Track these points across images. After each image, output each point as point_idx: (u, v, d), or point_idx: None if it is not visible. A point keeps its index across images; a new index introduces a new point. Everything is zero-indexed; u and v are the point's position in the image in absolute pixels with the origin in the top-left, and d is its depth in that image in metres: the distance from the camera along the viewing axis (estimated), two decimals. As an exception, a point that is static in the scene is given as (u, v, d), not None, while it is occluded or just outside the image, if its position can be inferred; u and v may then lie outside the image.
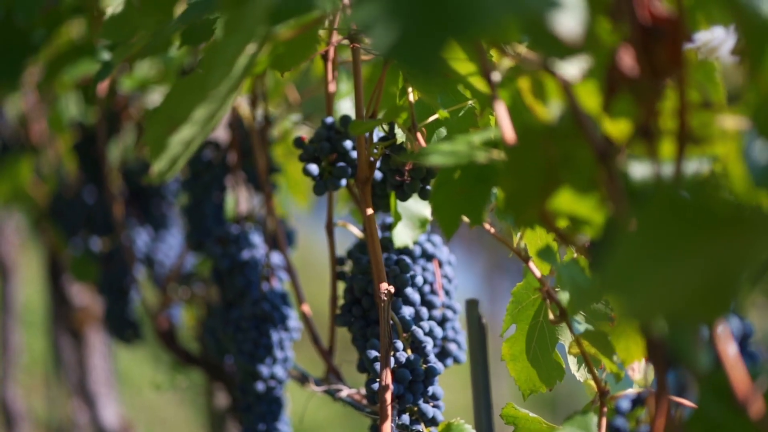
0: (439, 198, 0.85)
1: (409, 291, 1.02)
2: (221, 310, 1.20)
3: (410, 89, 0.92)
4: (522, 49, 0.78)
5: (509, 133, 0.77)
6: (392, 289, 0.95)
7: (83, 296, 2.14)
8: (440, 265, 1.08)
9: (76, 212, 1.70)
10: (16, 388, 3.36)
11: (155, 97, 1.66)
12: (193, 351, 1.46)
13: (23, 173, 2.12)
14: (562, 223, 0.76)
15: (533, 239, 0.93)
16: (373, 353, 0.98)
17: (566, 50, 0.67)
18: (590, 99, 0.72)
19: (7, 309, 3.30)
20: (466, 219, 0.86)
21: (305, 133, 1.56)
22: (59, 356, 2.45)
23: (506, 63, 0.79)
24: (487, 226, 0.93)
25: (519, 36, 0.78)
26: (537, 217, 0.75)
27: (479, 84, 0.85)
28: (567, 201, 0.74)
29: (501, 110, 0.78)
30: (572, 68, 0.70)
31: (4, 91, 1.73)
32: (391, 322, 0.97)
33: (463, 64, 0.86)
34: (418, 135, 0.91)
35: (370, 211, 0.98)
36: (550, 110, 0.74)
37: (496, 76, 0.78)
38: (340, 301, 1.08)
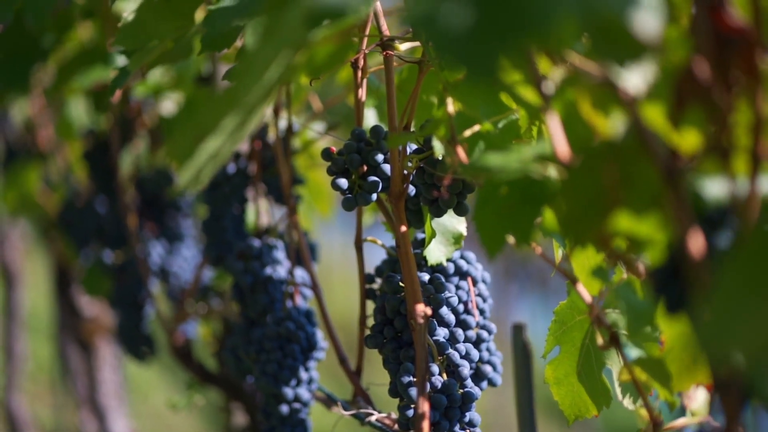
0: (483, 215, 0.80)
1: (444, 311, 0.97)
2: (242, 328, 1.15)
3: (449, 99, 0.87)
4: (575, 57, 0.73)
5: (564, 148, 0.72)
6: (429, 311, 0.89)
7: (93, 307, 2.09)
8: (474, 283, 1.03)
9: (87, 223, 1.65)
10: (21, 396, 3.31)
11: (168, 105, 1.61)
12: (209, 368, 1.41)
13: (31, 181, 2.06)
14: (620, 244, 0.71)
15: (581, 259, 0.87)
16: (408, 378, 0.93)
17: (635, 54, 0.62)
18: (655, 112, 0.67)
19: (12, 316, 3.25)
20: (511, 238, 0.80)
21: (331, 143, 1.51)
22: (66, 365, 2.40)
23: (558, 72, 0.74)
24: (533, 245, 0.88)
25: (573, 42, 0.72)
26: (595, 237, 0.70)
27: (527, 94, 0.79)
28: (626, 221, 0.69)
29: (555, 124, 0.73)
30: (636, 79, 0.65)
31: (12, 96, 1.68)
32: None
33: (507, 72, 0.80)
34: (459, 148, 0.85)
35: (404, 228, 0.92)
36: (611, 125, 0.69)
37: (548, 86, 0.73)
38: (369, 321, 1.03)
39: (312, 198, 1.47)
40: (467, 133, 0.85)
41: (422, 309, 0.89)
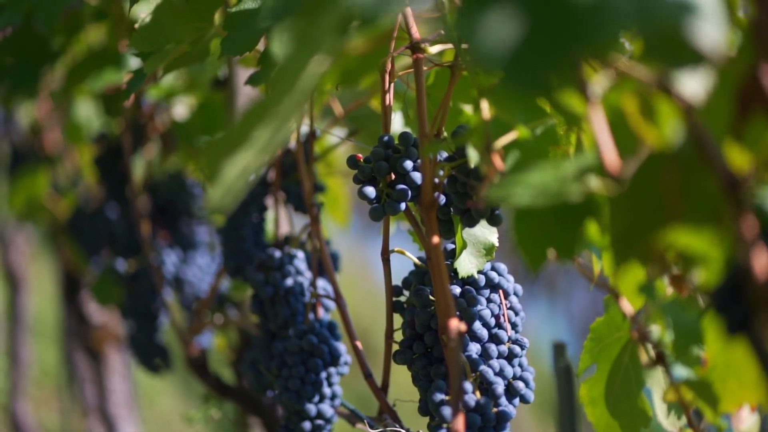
0: (524, 229, 0.76)
1: (477, 326, 0.93)
2: (263, 342, 1.11)
3: (484, 104, 0.83)
4: (622, 61, 0.69)
5: (612, 158, 0.68)
6: (464, 327, 0.85)
7: (101, 314, 2.05)
8: (506, 295, 0.99)
9: (98, 230, 1.61)
10: (26, 402, 3.27)
11: (181, 108, 1.57)
12: (226, 379, 1.37)
13: (39, 185, 2.02)
14: (671, 260, 0.67)
15: (626, 273, 0.83)
16: (440, 396, 0.89)
17: (694, 62, 0.58)
18: (714, 121, 0.63)
19: (16, 321, 3.21)
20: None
21: (351, 150, 1.47)
22: (73, 372, 2.36)
23: (603, 77, 0.70)
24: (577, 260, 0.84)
25: (624, 49, 0.69)
26: (647, 253, 0.66)
27: (569, 99, 0.75)
28: (681, 236, 0.65)
29: (602, 132, 0.69)
30: (695, 85, 0.61)
31: (20, 99, 1.64)
32: (456, 359, 0.88)
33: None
34: (495, 156, 0.81)
35: (436, 239, 0.88)
36: (663, 133, 0.65)
37: (595, 92, 0.69)
38: (396, 334, 1.00)
39: (328, 207, 1.43)
40: (504, 140, 0.81)
41: (456, 325, 0.85)
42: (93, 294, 1.56)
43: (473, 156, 0.84)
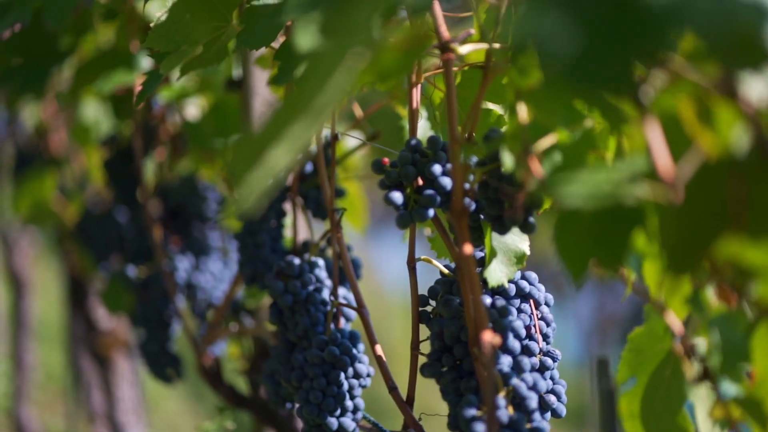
0: (565, 238, 0.72)
1: (509, 338, 0.89)
2: (281, 352, 1.07)
3: (521, 107, 0.79)
4: (677, 62, 0.65)
5: (666, 164, 0.64)
6: (498, 340, 0.81)
7: (109, 319, 2.01)
8: (536, 305, 0.95)
9: (107, 234, 1.57)
10: (31, 407, 3.24)
11: (193, 110, 1.53)
12: (240, 389, 1.33)
13: (46, 188, 1.98)
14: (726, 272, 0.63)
15: (674, 285, 0.79)
16: (471, 411, 0.85)
17: (763, 66, 0.54)
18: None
19: (21, 325, 3.18)
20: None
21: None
22: (79, 377, 2.32)
23: (657, 77, 0.66)
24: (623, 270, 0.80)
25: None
26: (703, 264, 0.62)
27: (616, 101, 0.71)
28: (739, 247, 0.61)
29: (656, 136, 0.65)
30: (763, 89, 0.57)
31: (26, 99, 1.60)
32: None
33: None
34: (534, 161, 0.77)
35: (468, 248, 0.84)
36: (727, 140, 0.61)
37: (647, 93, 0.65)
38: (421, 345, 0.96)
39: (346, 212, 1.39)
40: (544, 144, 0.77)
41: (490, 338, 0.81)
42: (103, 301, 1.52)
43: (509, 161, 0.80)
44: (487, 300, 0.91)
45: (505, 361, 0.89)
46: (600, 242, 0.70)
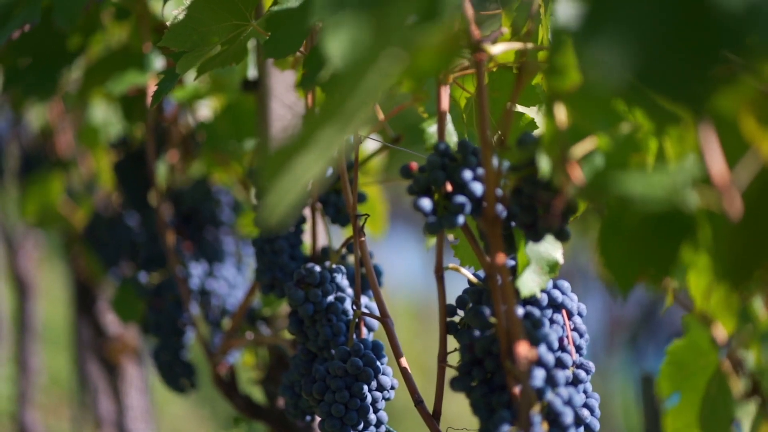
0: (611, 247, 0.69)
1: (543, 351, 0.85)
2: (301, 363, 1.04)
3: (559, 109, 0.75)
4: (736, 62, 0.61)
5: (722, 171, 0.61)
6: (534, 354, 0.78)
7: (117, 325, 1.98)
8: (569, 316, 0.92)
9: (117, 240, 1.54)
10: (35, 411, 3.20)
11: (205, 112, 1.50)
12: (255, 399, 1.29)
13: (53, 192, 1.95)
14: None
15: (721, 297, 0.76)
16: (505, 428, 0.81)
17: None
18: None
19: (26, 328, 3.15)
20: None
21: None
22: (85, 382, 2.29)
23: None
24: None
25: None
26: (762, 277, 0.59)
27: (661, 105, 0.68)
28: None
29: (711, 140, 0.61)
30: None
31: (34, 101, 1.56)
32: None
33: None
34: (574, 166, 0.74)
35: (502, 257, 0.81)
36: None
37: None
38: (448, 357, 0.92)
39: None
40: (583, 148, 0.73)
41: (526, 351, 0.77)
42: (114, 310, 1.48)
43: (546, 166, 0.76)
44: (519, 311, 0.88)
45: (539, 375, 0.85)
46: (649, 251, 0.66)
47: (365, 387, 0.99)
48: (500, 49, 0.83)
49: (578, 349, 0.91)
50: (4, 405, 3.61)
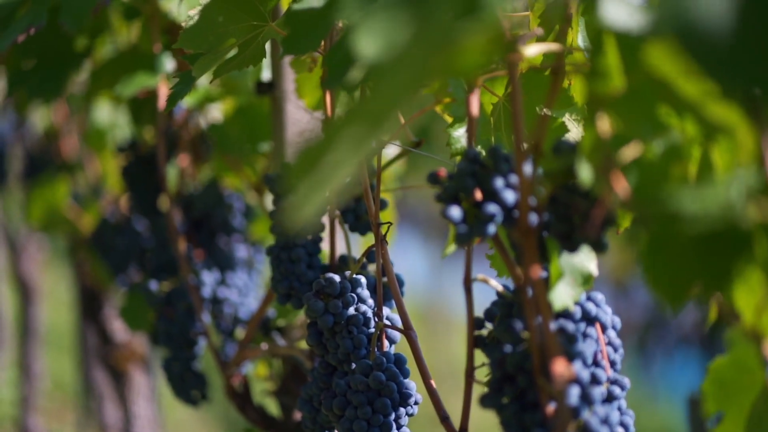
0: (657, 263, 0.65)
1: (578, 368, 0.81)
2: (321, 376, 1.00)
3: (602, 115, 0.71)
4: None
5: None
6: (572, 372, 0.74)
7: (124, 332, 1.94)
8: (603, 329, 0.88)
9: (125, 245, 1.50)
10: (38, 416, 3.17)
11: (216, 115, 1.46)
12: (269, 411, 1.25)
13: (59, 195, 1.91)
14: None
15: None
16: (540, 449, 0.78)
17: None
18: None
19: (29, 332, 3.11)
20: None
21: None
22: (90, 388, 2.25)
23: None
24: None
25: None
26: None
27: (713, 108, 0.64)
28: None
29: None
30: None
31: (39, 103, 1.52)
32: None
33: (685, 81, 0.65)
34: (618, 175, 0.70)
35: (538, 269, 0.77)
36: None
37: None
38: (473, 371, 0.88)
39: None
40: (627, 155, 0.70)
41: (564, 369, 0.73)
42: (123, 318, 1.44)
43: (587, 174, 0.73)
44: (552, 325, 0.84)
45: (574, 392, 0.81)
46: (700, 268, 0.62)
47: (388, 402, 0.95)
48: (536, 51, 0.79)
49: (612, 364, 0.88)
50: (7, 409, 3.58)
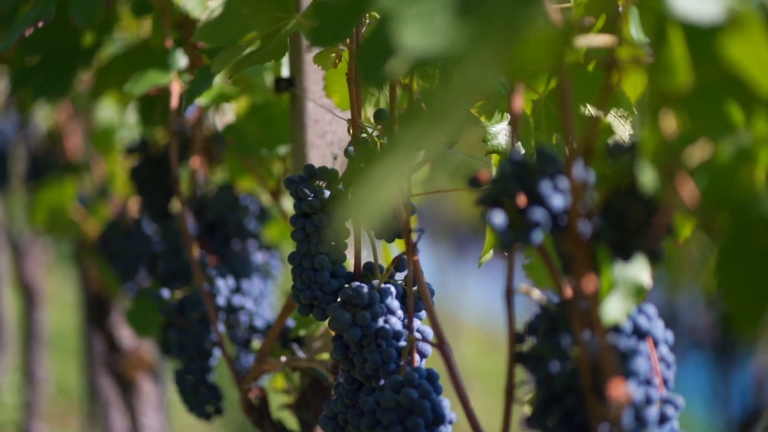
0: (731, 275, 0.59)
1: (632, 387, 0.75)
2: (347, 393, 0.93)
3: (667, 114, 0.65)
4: None
5: None
6: (630, 394, 0.68)
7: (132, 339, 1.88)
8: (655, 344, 0.81)
9: (133, 250, 1.43)
10: (42, 421, 3.11)
11: (229, 115, 1.39)
12: (288, 427, 1.19)
13: (65, 197, 1.85)
14: None
15: None
16: (593, 476, 0.71)
17: None
18: None
19: (33, 336, 3.06)
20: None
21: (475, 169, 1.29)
22: (96, 395, 2.19)
23: None
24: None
25: None
26: None
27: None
28: None
29: None
30: None
31: (45, 102, 1.46)
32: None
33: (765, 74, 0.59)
34: (685, 180, 0.64)
35: (593, 282, 0.71)
36: None
37: None
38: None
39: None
40: (697, 158, 0.63)
41: (622, 390, 0.67)
42: (130, 324, 1.38)
43: (650, 179, 0.66)
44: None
45: (628, 414, 0.75)
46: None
47: (421, 422, 0.88)
48: (597, 42, 0.73)
49: (665, 382, 0.81)
50: (11, 414, 3.52)
